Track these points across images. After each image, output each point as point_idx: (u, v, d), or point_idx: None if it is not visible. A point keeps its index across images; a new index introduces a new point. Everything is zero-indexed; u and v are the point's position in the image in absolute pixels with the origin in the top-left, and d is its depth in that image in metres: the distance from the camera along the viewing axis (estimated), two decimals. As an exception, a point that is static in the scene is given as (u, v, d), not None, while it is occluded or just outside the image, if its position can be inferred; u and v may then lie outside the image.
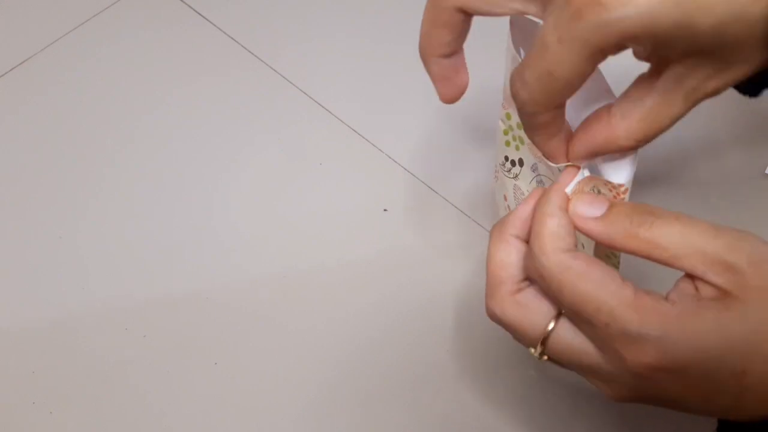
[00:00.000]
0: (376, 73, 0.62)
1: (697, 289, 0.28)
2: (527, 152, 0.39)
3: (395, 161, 0.57)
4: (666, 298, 0.29)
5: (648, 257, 0.29)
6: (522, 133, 0.39)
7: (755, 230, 0.52)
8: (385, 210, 0.54)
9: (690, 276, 0.29)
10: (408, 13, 0.66)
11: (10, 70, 0.62)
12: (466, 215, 0.54)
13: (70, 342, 0.49)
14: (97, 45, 0.64)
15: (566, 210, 0.31)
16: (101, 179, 0.56)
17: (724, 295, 0.28)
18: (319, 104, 0.60)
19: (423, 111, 0.59)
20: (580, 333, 0.30)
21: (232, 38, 0.64)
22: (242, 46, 0.64)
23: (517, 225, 0.33)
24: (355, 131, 0.58)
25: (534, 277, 0.31)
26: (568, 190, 0.32)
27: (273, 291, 0.51)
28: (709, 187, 0.54)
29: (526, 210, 0.33)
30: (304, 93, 0.61)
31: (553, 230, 0.30)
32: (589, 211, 0.31)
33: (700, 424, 0.33)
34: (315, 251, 0.53)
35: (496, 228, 0.34)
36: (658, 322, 0.27)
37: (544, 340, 0.31)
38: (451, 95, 0.37)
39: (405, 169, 0.56)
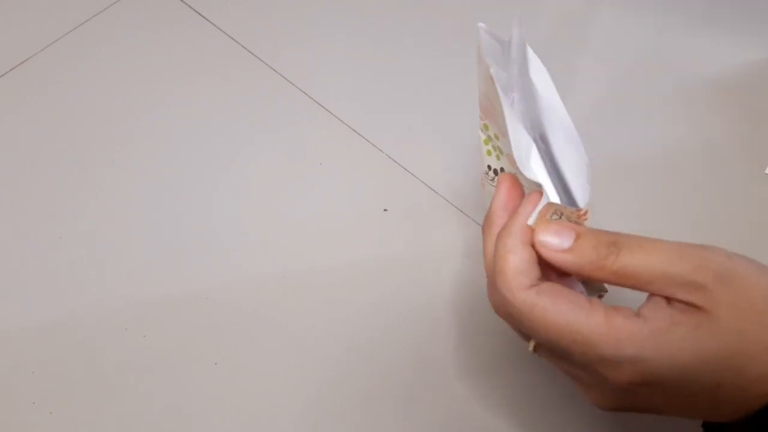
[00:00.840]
0: (376, 73, 0.62)
1: (669, 302, 0.29)
2: (506, 162, 0.39)
3: (395, 161, 0.57)
4: (638, 314, 0.29)
5: (618, 285, 0.30)
6: (500, 144, 0.39)
7: (755, 230, 0.52)
8: (385, 210, 0.54)
9: (658, 298, 0.29)
10: (408, 14, 0.66)
11: (10, 70, 0.62)
12: (466, 215, 0.54)
13: (70, 342, 0.49)
14: (97, 45, 0.64)
15: (528, 243, 0.31)
16: (101, 179, 0.56)
17: (695, 309, 0.28)
18: (319, 104, 0.60)
19: (423, 111, 0.59)
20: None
21: (232, 38, 0.64)
22: (242, 46, 0.64)
23: (502, 216, 0.33)
24: (355, 131, 0.58)
25: (501, 312, 0.31)
26: (532, 216, 0.32)
27: (273, 291, 0.51)
28: (709, 187, 0.54)
29: (501, 200, 0.33)
30: (304, 93, 0.61)
31: (516, 267, 0.30)
32: (557, 242, 0.31)
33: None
34: (315, 251, 0.53)
35: (485, 225, 0.34)
36: (631, 343, 0.28)
37: (537, 345, 0.32)
38: None
39: (405, 169, 0.56)
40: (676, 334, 0.28)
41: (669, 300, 0.29)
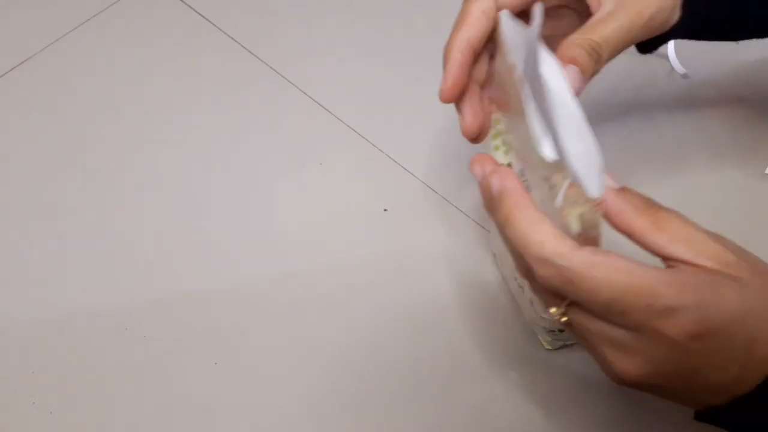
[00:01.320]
0: (377, 73, 0.62)
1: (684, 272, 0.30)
2: (515, 158, 0.39)
3: (395, 161, 0.57)
4: (687, 265, 0.30)
5: (644, 240, 0.31)
6: (510, 138, 0.39)
7: (755, 230, 0.52)
8: (385, 210, 0.54)
9: (678, 263, 0.30)
10: (408, 14, 0.66)
11: (10, 70, 0.62)
12: (466, 215, 0.54)
13: (70, 342, 0.49)
14: (97, 45, 0.64)
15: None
16: (101, 179, 0.56)
17: (719, 274, 0.29)
18: (319, 104, 0.60)
19: (423, 111, 0.59)
20: (607, 319, 0.30)
21: (232, 38, 0.64)
22: (243, 46, 0.64)
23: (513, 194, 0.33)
24: (355, 131, 0.58)
25: (554, 284, 0.30)
26: (558, 197, 0.32)
27: (273, 291, 0.51)
28: (709, 187, 0.54)
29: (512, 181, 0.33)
30: (304, 93, 0.61)
31: (554, 233, 0.30)
32: (610, 181, 0.32)
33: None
34: (315, 251, 0.53)
35: (495, 206, 0.33)
36: (693, 290, 0.29)
37: (570, 304, 0.31)
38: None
39: (405, 169, 0.56)
40: (726, 284, 0.29)
41: (691, 265, 0.30)
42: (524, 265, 0.32)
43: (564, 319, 0.32)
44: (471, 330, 0.49)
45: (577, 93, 0.35)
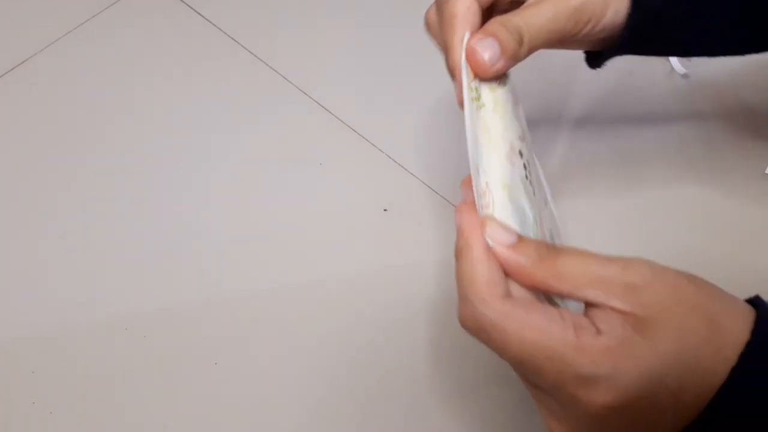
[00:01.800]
0: (377, 73, 0.62)
1: (612, 316, 0.28)
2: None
3: (395, 161, 0.57)
4: (598, 330, 0.28)
5: (550, 290, 0.29)
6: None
7: (755, 230, 0.52)
8: (385, 210, 0.54)
9: (593, 311, 0.29)
10: (408, 14, 0.66)
11: (10, 70, 0.62)
12: (466, 215, 0.54)
13: (70, 342, 0.49)
14: (97, 45, 0.64)
15: (491, 255, 0.30)
16: (101, 179, 0.56)
17: (631, 318, 0.28)
18: (319, 104, 0.60)
19: (423, 111, 0.59)
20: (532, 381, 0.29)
21: (232, 38, 0.64)
22: (242, 46, 0.64)
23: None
24: (355, 131, 0.58)
25: (471, 325, 0.30)
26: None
27: (273, 291, 0.51)
28: (709, 187, 0.54)
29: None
30: (304, 93, 0.61)
31: (487, 276, 0.30)
32: (505, 237, 0.31)
33: None
34: (315, 251, 0.53)
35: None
36: (607, 359, 0.27)
37: None
38: None
39: (405, 169, 0.56)
40: (638, 344, 0.27)
41: (604, 309, 0.28)
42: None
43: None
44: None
45: (498, 68, 0.35)
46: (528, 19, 0.36)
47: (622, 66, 0.62)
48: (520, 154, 0.36)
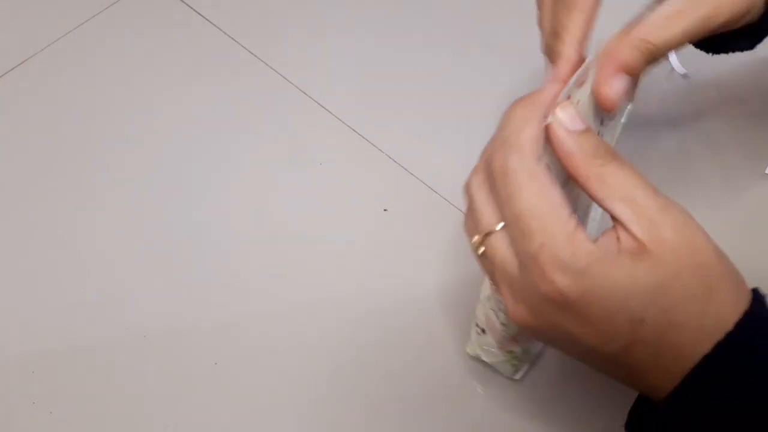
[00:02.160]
0: (377, 73, 0.62)
1: (618, 239, 0.30)
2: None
3: (395, 161, 0.57)
4: (595, 240, 0.30)
5: (586, 189, 0.31)
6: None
7: (755, 230, 0.52)
8: (385, 210, 0.54)
9: (614, 228, 0.30)
10: (408, 14, 0.66)
11: (10, 70, 0.62)
12: (466, 215, 0.54)
13: (70, 342, 0.49)
14: (97, 45, 0.64)
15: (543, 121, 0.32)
16: (101, 179, 0.56)
17: (641, 248, 0.29)
18: (319, 104, 0.60)
19: (423, 111, 0.59)
20: (512, 246, 0.31)
21: (232, 38, 0.64)
22: (242, 46, 0.64)
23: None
24: (355, 131, 0.58)
25: (490, 166, 0.32)
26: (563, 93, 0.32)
27: (273, 291, 0.51)
28: (709, 187, 0.54)
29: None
30: (304, 93, 0.61)
31: (536, 135, 0.31)
32: (571, 124, 0.31)
33: None
34: (315, 251, 0.53)
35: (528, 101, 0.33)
36: (584, 258, 0.29)
37: (488, 234, 0.32)
38: None
39: (405, 169, 0.56)
40: (619, 263, 0.29)
41: (619, 237, 0.30)
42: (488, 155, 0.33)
43: (481, 249, 0.32)
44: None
45: (625, 98, 0.35)
46: (667, 38, 0.34)
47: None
48: None
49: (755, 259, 0.50)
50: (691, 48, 0.61)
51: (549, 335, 0.32)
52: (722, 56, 0.61)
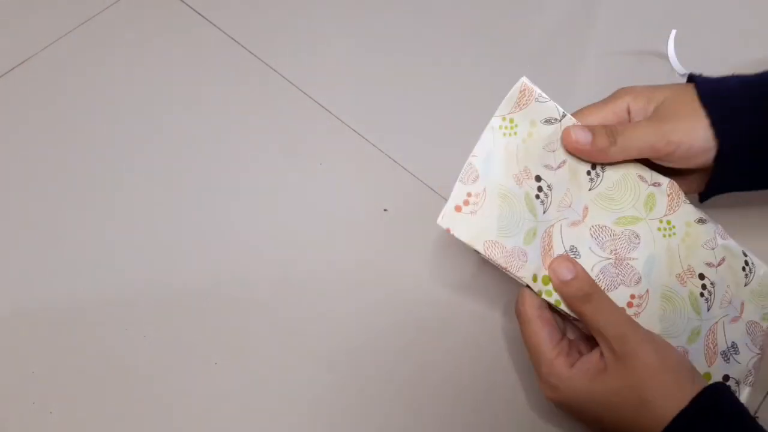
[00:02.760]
0: (377, 73, 0.62)
1: (602, 355, 0.41)
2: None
3: (395, 161, 0.57)
4: (577, 358, 0.42)
5: (584, 321, 0.42)
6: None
7: (756, 231, 0.52)
8: (385, 210, 0.54)
9: (599, 347, 0.42)
10: (408, 14, 0.66)
11: (10, 70, 0.62)
12: (466, 215, 0.54)
13: (70, 342, 0.49)
14: (97, 45, 0.64)
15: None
16: (100, 179, 0.56)
17: (603, 368, 0.41)
18: (319, 104, 0.60)
19: (423, 111, 0.59)
20: None
21: (232, 38, 0.64)
22: (242, 46, 0.64)
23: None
24: (355, 131, 0.58)
25: (516, 308, 0.44)
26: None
27: (273, 291, 0.51)
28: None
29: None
30: (304, 93, 0.61)
31: (534, 297, 0.44)
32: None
33: None
34: (315, 251, 0.53)
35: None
36: (556, 377, 0.42)
37: None
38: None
39: (405, 169, 0.56)
40: (582, 381, 0.41)
41: (605, 349, 0.41)
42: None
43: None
44: (471, 329, 0.49)
45: (583, 149, 0.45)
46: (626, 128, 0.45)
47: (622, 66, 0.62)
48: (537, 178, 0.45)
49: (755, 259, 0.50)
50: (691, 48, 0.61)
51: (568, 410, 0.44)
52: (722, 56, 0.61)
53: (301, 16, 0.66)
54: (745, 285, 0.46)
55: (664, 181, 0.46)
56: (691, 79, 0.47)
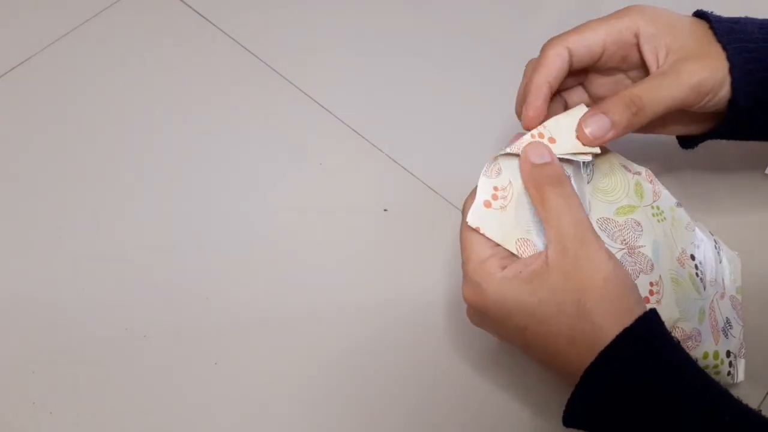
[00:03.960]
0: (377, 73, 0.62)
1: (546, 258, 0.38)
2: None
3: (395, 161, 0.57)
4: (513, 262, 0.39)
5: (537, 208, 0.39)
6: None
7: (755, 230, 0.52)
8: (385, 210, 0.54)
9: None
10: (408, 14, 0.66)
11: (10, 70, 0.62)
12: (466, 215, 0.54)
13: (70, 342, 0.49)
14: (97, 45, 0.64)
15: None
16: (101, 179, 0.56)
17: (538, 270, 0.37)
18: (319, 104, 0.60)
19: (423, 111, 0.59)
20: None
21: (232, 38, 0.64)
22: (242, 46, 0.64)
23: None
24: (355, 131, 0.58)
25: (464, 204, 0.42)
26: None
27: (273, 291, 0.51)
28: (709, 187, 0.54)
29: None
30: (304, 93, 0.61)
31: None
32: (538, 158, 0.40)
33: None
34: (315, 251, 0.53)
35: None
36: (483, 276, 0.38)
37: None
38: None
39: (405, 169, 0.56)
40: (510, 284, 0.37)
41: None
42: None
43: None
44: (470, 329, 0.49)
45: (605, 140, 0.41)
46: (650, 90, 0.41)
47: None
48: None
49: (755, 259, 0.50)
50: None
51: (483, 319, 0.41)
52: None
53: (301, 16, 0.66)
54: (720, 262, 0.47)
55: (642, 169, 0.46)
56: (702, 15, 0.44)
